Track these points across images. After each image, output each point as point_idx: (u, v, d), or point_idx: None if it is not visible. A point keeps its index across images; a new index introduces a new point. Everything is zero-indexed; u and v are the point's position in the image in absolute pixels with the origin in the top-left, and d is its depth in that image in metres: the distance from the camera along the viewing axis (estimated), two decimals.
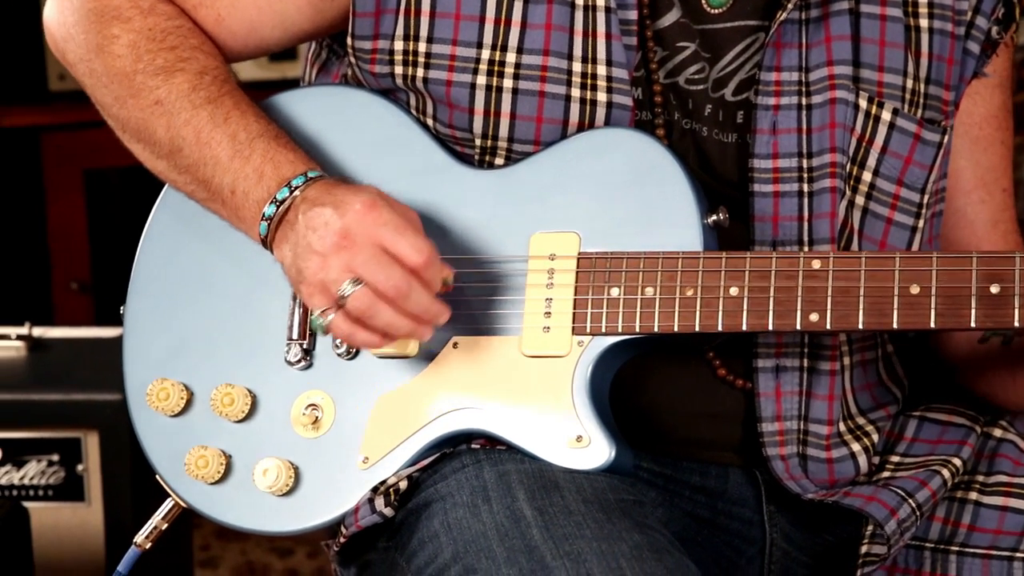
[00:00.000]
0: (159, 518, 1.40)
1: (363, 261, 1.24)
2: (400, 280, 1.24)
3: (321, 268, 1.25)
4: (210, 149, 1.33)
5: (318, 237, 1.25)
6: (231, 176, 1.32)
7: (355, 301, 1.24)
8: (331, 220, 1.25)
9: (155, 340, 1.41)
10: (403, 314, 1.25)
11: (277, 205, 1.29)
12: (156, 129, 1.35)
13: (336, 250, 1.24)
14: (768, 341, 1.35)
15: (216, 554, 3.05)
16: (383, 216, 1.25)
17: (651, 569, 1.17)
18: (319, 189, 1.28)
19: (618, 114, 1.33)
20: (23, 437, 2.03)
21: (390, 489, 1.31)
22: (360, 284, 1.24)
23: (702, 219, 1.31)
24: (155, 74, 1.35)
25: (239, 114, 1.34)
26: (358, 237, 1.24)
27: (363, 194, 1.26)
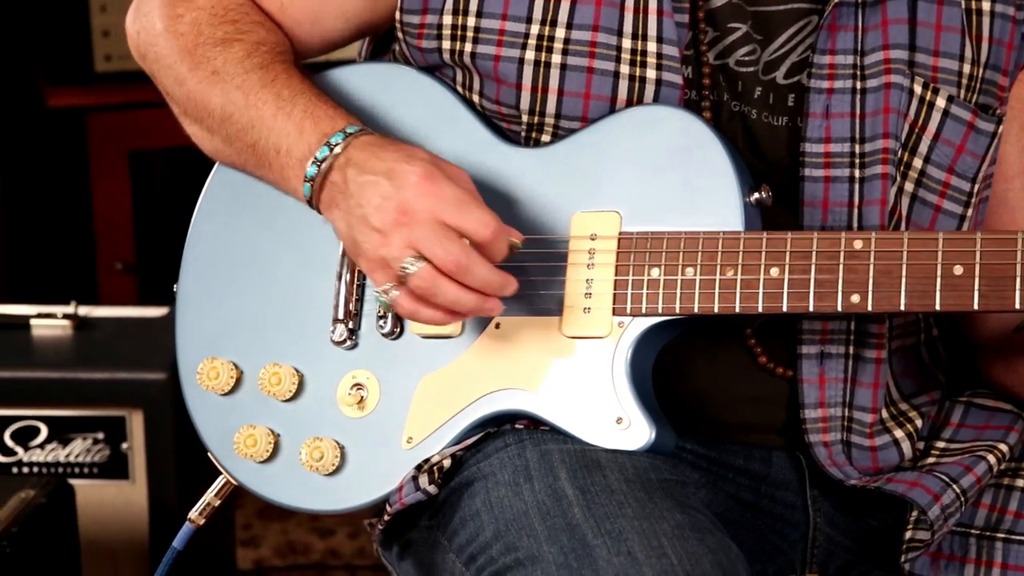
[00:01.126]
0: (212, 494, 1.42)
1: (423, 236, 1.23)
2: (460, 255, 1.23)
3: (382, 244, 1.24)
4: (257, 110, 1.33)
5: (375, 210, 1.24)
6: (275, 135, 1.32)
7: (417, 279, 1.23)
8: (388, 194, 1.24)
9: (206, 319, 1.42)
10: (467, 289, 1.24)
11: (318, 164, 1.29)
12: (211, 98, 1.36)
13: (395, 226, 1.23)
14: (813, 327, 1.34)
15: (258, 533, 3.07)
16: (443, 191, 1.24)
17: (693, 548, 1.18)
18: (365, 150, 1.28)
19: (667, 92, 1.32)
20: (69, 415, 2.05)
21: (434, 467, 1.31)
22: (422, 261, 1.23)
23: (744, 198, 1.30)
24: (214, 45, 1.37)
25: (286, 76, 1.35)
26: (418, 212, 1.23)
27: (417, 163, 1.25)
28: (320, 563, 2.99)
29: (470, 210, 1.24)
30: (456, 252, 1.23)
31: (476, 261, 1.24)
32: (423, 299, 1.25)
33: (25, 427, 2.05)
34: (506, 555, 1.22)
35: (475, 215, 1.24)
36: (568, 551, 1.18)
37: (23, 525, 1.75)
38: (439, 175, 1.25)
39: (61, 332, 2.16)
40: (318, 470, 1.36)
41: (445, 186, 1.24)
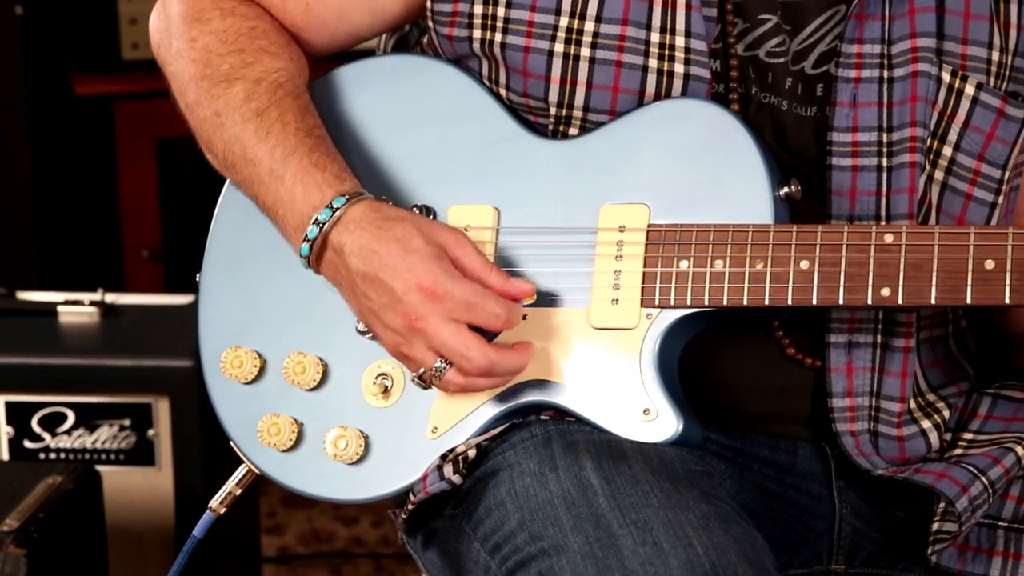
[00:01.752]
0: (233, 483, 1.42)
1: (442, 343, 1.26)
2: (481, 361, 1.26)
3: (402, 343, 1.28)
4: (254, 167, 1.34)
5: (385, 310, 1.27)
6: (272, 197, 1.34)
7: (451, 382, 1.28)
8: (396, 296, 1.26)
9: (229, 309, 1.43)
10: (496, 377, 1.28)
11: (310, 244, 1.30)
12: (215, 143, 1.38)
13: (411, 332, 1.26)
14: (841, 316, 1.34)
15: (282, 521, 3.08)
16: (451, 295, 1.25)
17: (718, 538, 1.18)
18: (357, 235, 1.28)
19: (695, 86, 1.32)
20: (95, 402, 2.06)
21: (459, 457, 1.32)
22: (448, 365, 1.27)
23: (773, 191, 1.30)
24: (218, 82, 1.37)
25: (280, 127, 1.34)
26: (430, 318, 1.26)
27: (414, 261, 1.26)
28: (344, 551, 3.00)
29: (478, 311, 1.26)
30: (478, 360, 1.26)
31: (496, 359, 1.27)
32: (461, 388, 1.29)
33: (52, 413, 2.06)
34: (531, 544, 1.22)
35: (484, 313, 1.26)
36: (593, 541, 1.18)
37: (50, 511, 1.76)
38: (439, 275, 1.26)
39: (88, 319, 2.16)
40: (342, 459, 1.36)
41: (449, 287, 1.26)
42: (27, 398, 2.06)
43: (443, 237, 1.28)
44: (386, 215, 1.29)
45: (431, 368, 1.27)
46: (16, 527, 1.71)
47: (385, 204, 1.32)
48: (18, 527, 1.71)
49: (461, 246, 1.28)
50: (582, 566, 1.17)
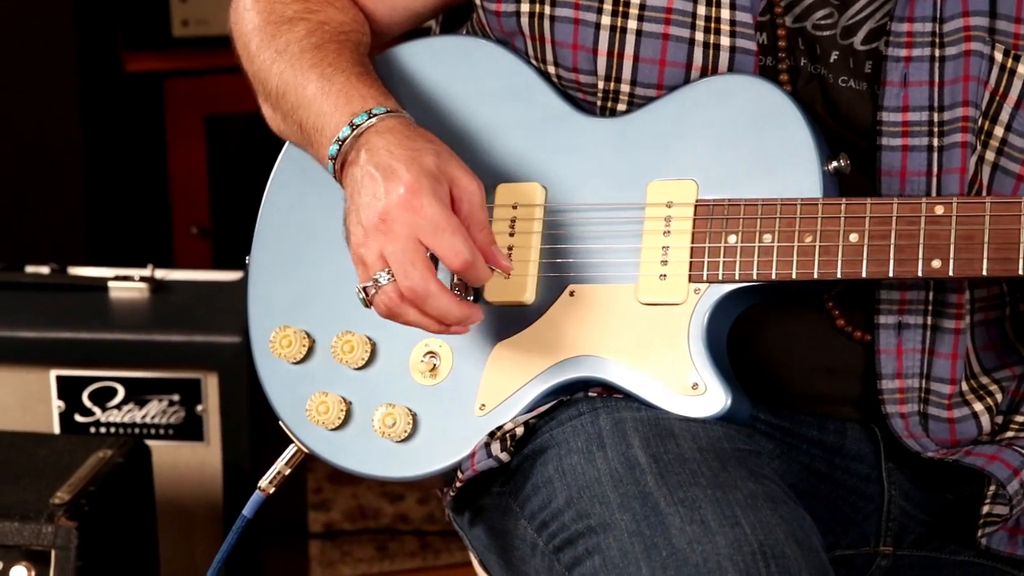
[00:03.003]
0: (282, 463, 1.42)
1: (393, 252, 1.23)
2: (418, 283, 1.23)
3: (362, 243, 1.25)
4: (304, 89, 1.34)
5: (364, 207, 1.25)
6: (315, 115, 1.33)
7: (382, 296, 1.24)
8: (378, 194, 1.24)
9: (278, 289, 1.43)
10: (426, 315, 1.24)
11: (340, 143, 1.29)
12: (271, 77, 1.38)
13: (375, 232, 1.24)
14: (891, 297, 1.32)
15: (328, 497, 3.10)
16: (424, 210, 1.23)
17: (766, 518, 1.17)
18: (383, 136, 1.27)
19: (742, 59, 1.31)
20: (145, 377, 2.07)
21: (506, 435, 1.31)
22: (392, 277, 1.24)
23: (822, 166, 1.29)
24: (281, 24, 1.38)
25: (335, 55, 1.35)
26: (395, 225, 1.23)
27: (413, 171, 1.24)
28: (390, 527, 3.01)
29: (443, 236, 1.23)
30: (415, 280, 1.23)
31: (435, 292, 1.23)
32: (388, 313, 1.26)
33: (103, 388, 2.08)
34: (578, 522, 1.22)
35: (447, 242, 1.23)
36: (641, 519, 1.18)
37: (101, 484, 1.77)
38: (426, 191, 1.23)
39: (138, 295, 2.18)
40: (390, 437, 1.36)
41: (428, 204, 1.23)
42: (78, 372, 2.07)
43: (456, 173, 1.26)
44: (418, 132, 1.29)
45: (374, 275, 1.24)
46: (67, 500, 1.73)
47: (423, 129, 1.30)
48: (69, 500, 1.73)
49: (469, 192, 1.26)
50: (629, 544, 1.16)
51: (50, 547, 1.69)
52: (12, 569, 1.69)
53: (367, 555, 2.94)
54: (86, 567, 1.69)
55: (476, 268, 1.25)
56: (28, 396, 2.08)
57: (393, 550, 2.95)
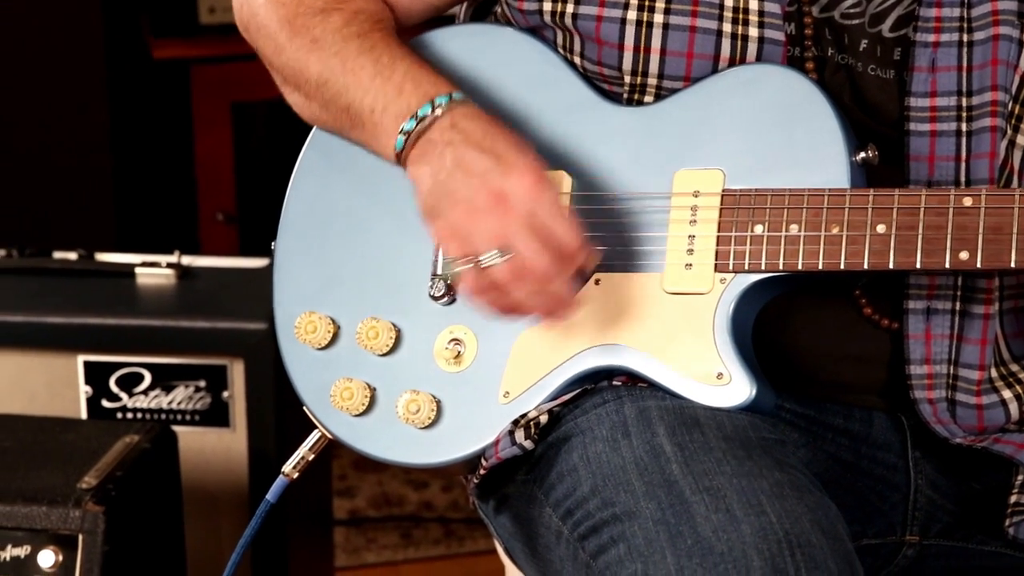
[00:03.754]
0: (306, 449, 1.43)
1: (517, 231, 1.23)
2: (550, 263, 1.23)
3: (468, 219, 1.24)
4: (354, 74, 1.34)
5: (469, 185, 1.24)
6: (372, 95, 1.32)
7: (499, 273, 1.23)
8: (491, 174, 1.24)
9: (303, 275, 1.44)
10: (540, 296, 1.24)
11: (417, 120, 1.29)
12: (309, 65, 1.37)
13: (488, 211, 1.23)
14: (920, 283, 1.32)
15: (353, 484, 3.11)
16: (547, 193, 1.24)
17: (791, 507, 1.17)
18: (474, 121, 1.28)
19: (770, 49, 1.31)
20: (171, 363, 2.08)
21: (531, 422, 1.32)
22: (507, 256, 1.23)
23: (850, 156, 1.28)
24: (313, 15, 1.37)
25: (385, 44, 1.35)
26: (516, 205, 1.23)
27: (530, 158, 1.25)
28: (414, 515, 3.02)
29: (564, 221, 1.24)
30: (547, 260, 1.23)
31: (562, 274, 1.24)
32: (492, 288, 1.24)
33: (130, 374, 2.09)
34: (603, 510, 1.22)
35: (567, 227, 1.24)
36: (666, 507, 1.18)
37: (128, 469, 1.78)
38: (545, 177, 1.25)
39: (164, 281, 2.18)
40: (414, 423, 1.37)
41: (548, 190, 1.24)
42: (105, 358, 2.08)
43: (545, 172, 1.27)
44: (502, 123, 1.29)
45: (480, 256, 1.23)
46: (94, 485, 1.73)
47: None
48: (96, 485, 1.74)
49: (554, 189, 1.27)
50: (654, 532, 1.16)
51: (77, 531, 1.70)
52: (40, 553, 1.70)
53: (391, 542, 2.95)
54: (113, 551, 1.70)
55: (583, 255, 1.25)
56: (56, 381, 2.09)
57: (417, 537, 2.96)
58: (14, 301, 2.11)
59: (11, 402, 2.08)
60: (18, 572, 1.71)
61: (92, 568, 1.69)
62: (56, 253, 2.25)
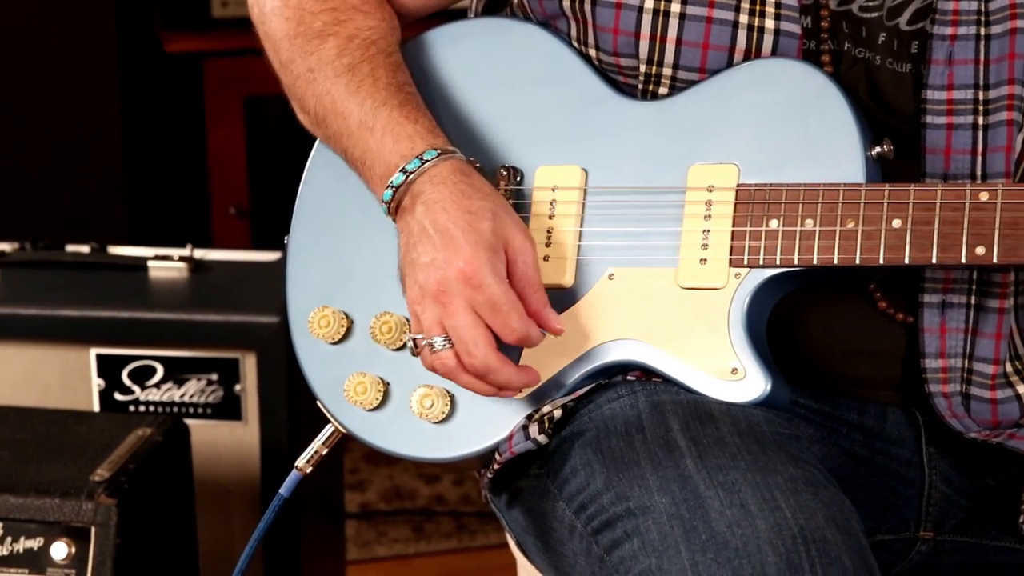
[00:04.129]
0: (320, 443, 1.43)
1: (455, 325, 1.26)
2: (480, 361, 1.26)
3: (419, 303, 1.28)
4: (343, 120, 1.35)
5: (422, 268, 1.27)
6: (360, 148, 1.34)
7: (439, 360, 1.27)
8: (437, 263, 1.26)
9: (316, 269, 1.44)
10: (485, 382, 1.27)
11: (394, 190, 1.31)
12: (307, 98, 1.38)
13: (433, 299, 1.26)
14: (935, 276, 1.32)
15: (365, 477, 3.11)
16: (484, 289, 1.25)
17: (806, 502, 1.17)
18: (438, 190, 1.28)
19: (785, 42, 1.31)
20: (184, 356, 2.08)
21: (544, 417, 1.31)
22: (449, 344, 1.26)
23: (865, 151, 1.28)
24: (311, 39, 1.38)
25: (371, 81, 1.35)
26: (455, 299, 1.25)
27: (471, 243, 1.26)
28: (426, 508, 3.02)
29: (500, 315, 1.25)
30: (478, 358, 1.25)
31: (496, 367, 1.26)
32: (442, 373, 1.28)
33: (142, 367, 2.09)
34: (617, 504, 1.22)
35: (503, 320, 1.25)
36: (680, 502, 1.17)
37: (141, 462, 1.78)
38: (485, 268, 1.25)
39: (177, 274, 2.18)
40: (428, 418, 1.37)
41: (487, 284, 1.25)
42: (117, 351, 2.08)
43: (512, 235, 1.28)
44: (472, 183, 1.29)
45: (430, 340, 1.27)
46: (107, 477, 1.74)
47: (475, 171, 1.31)
48: (109, 477, 1.74)
49: (523, 254, 1.28)
50: (668, 527, 1.16)
51: (90, 524, 1.70)
52: (53, 545, 1.70)
53: (403, 536, 2.96)
54: (125, 544, 1.71)
55: (530, 339, 1.28)
56: (68, 374, 2.09)
57: (429, 531, 2.96)
58: (27, 294, 2.11)
59: (24, 395, 2.08)
60: (31, 564, 1.71)
61: (105, 560, 1.70)
62: (69, 246, 2.26)
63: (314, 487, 2.17)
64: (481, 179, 1.31)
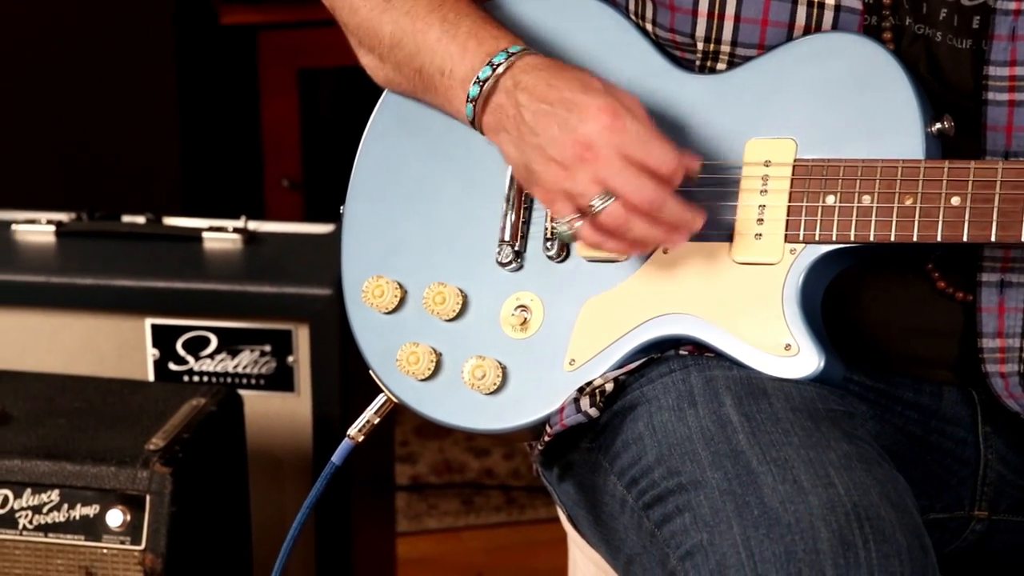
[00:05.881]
0: (372, 412, 1.43)
1: (612, 174, 1.23)
2: (654, 193, 1.23)
3: (565, 177, 1.24)
4: (423, 34, 1.34)
5: (552, 142, 1.24)
6: (440, 57, 1.33)
7: (608, 217, 1.24)
8: (568, 126, 1.23)
9: (371, 239, 1.44)
10: (657, 224, 1.24)
11: (480, 84, 1.29)
12: (382, 26, 1.37)
13: (579, 162, 1.23)
14: (994, 255, 1.30)
15: (415, 450, 3.12)
16: (626, 125, 1.23)
17: (860, 479, 1.16)
18: (533, 74, 1.27)
19: (846, 18, 1.29)
20: (237, 327, 2.09)
21: (596, 390, 1.31)
22: (612, 198, 1.23)
23: (925, 127, 1.27)
24: None
25: (453, 2, 1.35)
26: (603, 148, 1.23)
27: (596, 95, 1.24)
28: (475, 482, 3.04)
29: (653, 145, 1.23)
30: (650, 191, 1.22)
31: (668, 198, 1.23)
32: (610, 232, 1.25)
33: (196, 337, 2.10)
34: (668, 479, 1.21)
35: (658, 149, 1.23)
36: (732, 477, 1.17)
37: (195, 432, 1.80)
38: (620, 109, 1.24)
39: (231, 246, 2.20)
40: (480, 389, 1.37)
41: (628, 121, 1.23)
42: (172, 321, 2.10)
43: (619, 93, 1.26)
44: (564, 64, 1.29)
45: (589, 203, 1.23)
46: (162, 446, 1.75)
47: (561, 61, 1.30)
48: (164, 446, 1.75)
49: (636, 106, 1.26)
50: (720, 502, 1.16)
51: (145, 492, 1.72)
52: (108, 512, 1.72)
53: (452, 509, 2.97)
54: (180, 512, 1.72)
55: (682, 169, 1.24)
56: (124, 344, 2.11)
57: (478, 504, 2.98)
58: (84, 264, 2.13)
59: (81, 364, 2.10)
60: (87, 530, 1.73)
61: (159, 528, 1.71)
62: (125, 217, 2.27)
63: (365, 458, 2.18)
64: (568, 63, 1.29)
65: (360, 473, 2.18)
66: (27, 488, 1.73)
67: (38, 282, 2.10)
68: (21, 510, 1.74)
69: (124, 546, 1.72)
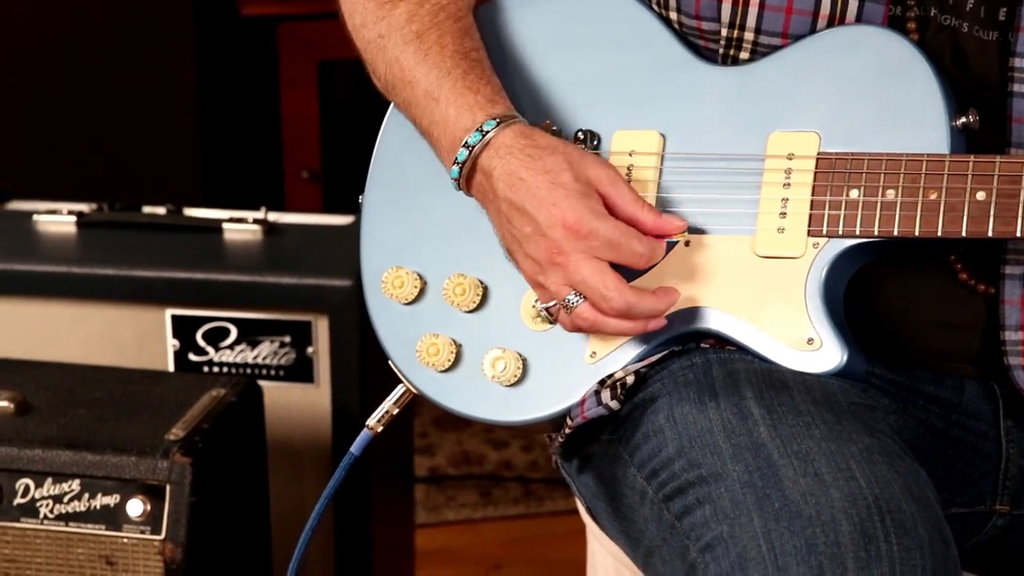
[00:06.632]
0: (391, 403, 1.44)
1: (580, 280, 1.25)
2: (619, 302, 1.25)
3: (539, 273, 1.27)
4: (412, 89, 1.35)
5: (527, 240, 1.27)
6: (427, 119, 1.34)
7: (580, 317, 1.27)
8: (538, 228, 1.25)
9: (391, 230, 1.44)
10: (632, 319, 1.27)
11: (460, 166, 1.30)
12: (378, 65, 1.39)
13: (551, 264, 1.26)
14: (1018, 248, 1.30)
15: (433, 442, 3.13)
16: (595, 231, 1.24)
17: (881, 472, 1.16)
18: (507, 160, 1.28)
19: (871, 7, 1.29)
20: (257, 318, 2.10)
21: (617, 383, 1.31)
22: (582, 298, 1.26)
23: (950, 121, 1.26)
24: (382, 3, 1.39)
25: (438, 49, 1.35)
26: (572, 256, 1.25)
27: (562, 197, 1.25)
28: (493, 474, 3.04)
29: (621, 249, 1.25)
30: (616, 300, 1.25)
31: (635, 301, 1.26)
32: (587, 326, 1.28)
33: (216, 328, 2.11)
34: (689, 471, 1.21)
35: (627, 252, 1.25)
36: (753, 470, 1.17)
37: (215, 422, 1.80)
38: (586, 215, 1.24)
39: (251, 237, 2.20)
40: (500, 381, 1.37)
41: (595, 227, 1.25)
42: (192, 312, 2.10)
43: (594, 173, 1.27)
44: (536, 143, 1.29)
45: (563, 300, 1.26)
46: (182, 436, 1.76)
47: (537, 131, 1.31)
48: (184, 436, 1.76)
49: (613, 183, 1.27)
50: (741, 494, 1.16)
51: (165, 482, 1.72)
52: (129, 502, 1.72)
53: (471, 500, 2.97)
54: (200, 502, 1.73)
55: (656, 256, 1.27)
56: (144, 334, 2.12)
57: (497, 496, 2.98)
58: (104, 254, 2.14)
59: (101, 354, 2.11)
60: (108, 520, 1.73)
61: (179, 518, 1.72)
62: (145, 208, 2.28)
63: (384, 449, 2.18)
64: (543, 134, 1.30)
65: (379, 464, 2.18)
66: (48, 477, 1.74)
67: (59, 272, 2.10)
68: (42, 499, 1.74)
69: (144, 536, 1.72)
